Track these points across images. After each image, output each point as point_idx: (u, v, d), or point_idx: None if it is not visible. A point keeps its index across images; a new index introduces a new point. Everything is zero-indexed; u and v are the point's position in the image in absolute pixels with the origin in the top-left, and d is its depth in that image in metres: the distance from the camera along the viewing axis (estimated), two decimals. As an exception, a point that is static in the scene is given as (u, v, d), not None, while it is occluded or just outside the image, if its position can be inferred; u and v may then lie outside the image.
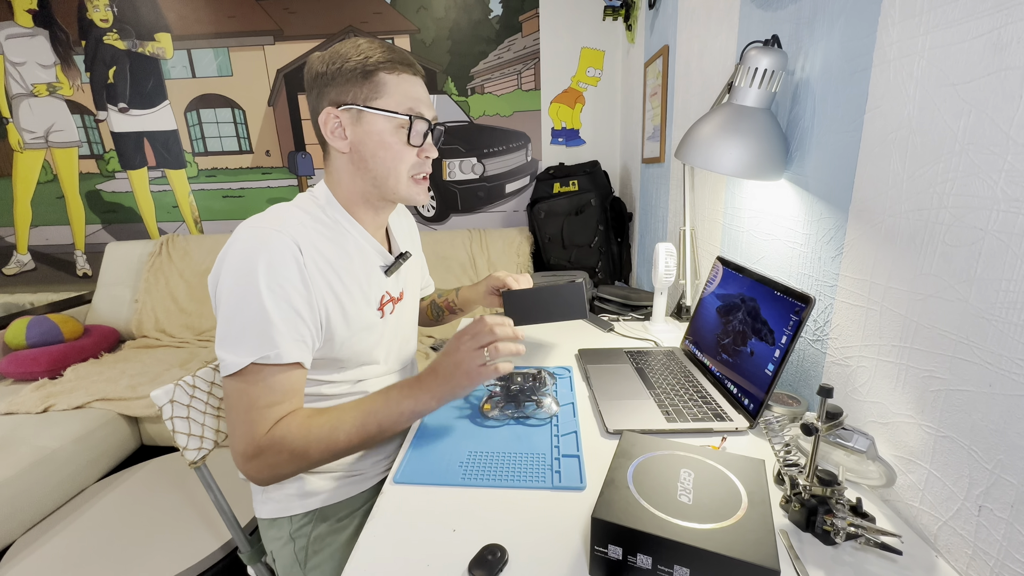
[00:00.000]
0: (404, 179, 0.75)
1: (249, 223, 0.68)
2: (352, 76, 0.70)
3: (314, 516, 0.79)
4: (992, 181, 0.45)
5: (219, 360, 0.65)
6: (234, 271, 0.65)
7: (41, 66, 2.31)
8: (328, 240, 0.73)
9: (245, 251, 0.65)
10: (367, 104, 0.71)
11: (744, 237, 1.00)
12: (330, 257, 0.72)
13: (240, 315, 0.64)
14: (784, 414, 0.71)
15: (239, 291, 0.64)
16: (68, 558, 1.08)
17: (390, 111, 0.71)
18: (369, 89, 0.70)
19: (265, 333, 0.64)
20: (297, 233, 0.68)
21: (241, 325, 0.64)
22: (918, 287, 0.54)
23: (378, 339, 0.81)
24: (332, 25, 2.25)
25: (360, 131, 0.72)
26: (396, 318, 0.86)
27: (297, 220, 0.70)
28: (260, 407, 0.65)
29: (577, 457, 0.66)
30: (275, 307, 0.64)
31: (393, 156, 0.73)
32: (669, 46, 1.46)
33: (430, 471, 0.64)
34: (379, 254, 0.81)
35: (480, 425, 0.74)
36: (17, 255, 2.57)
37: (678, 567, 0.43)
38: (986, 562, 0.46)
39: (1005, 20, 0.44)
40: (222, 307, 0.65)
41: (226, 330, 0.65)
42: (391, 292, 0.84)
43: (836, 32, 0.69)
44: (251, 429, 0.65)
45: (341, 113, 0.71)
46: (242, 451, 0.66)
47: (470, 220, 2.46)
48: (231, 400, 0.66)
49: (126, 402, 1.69)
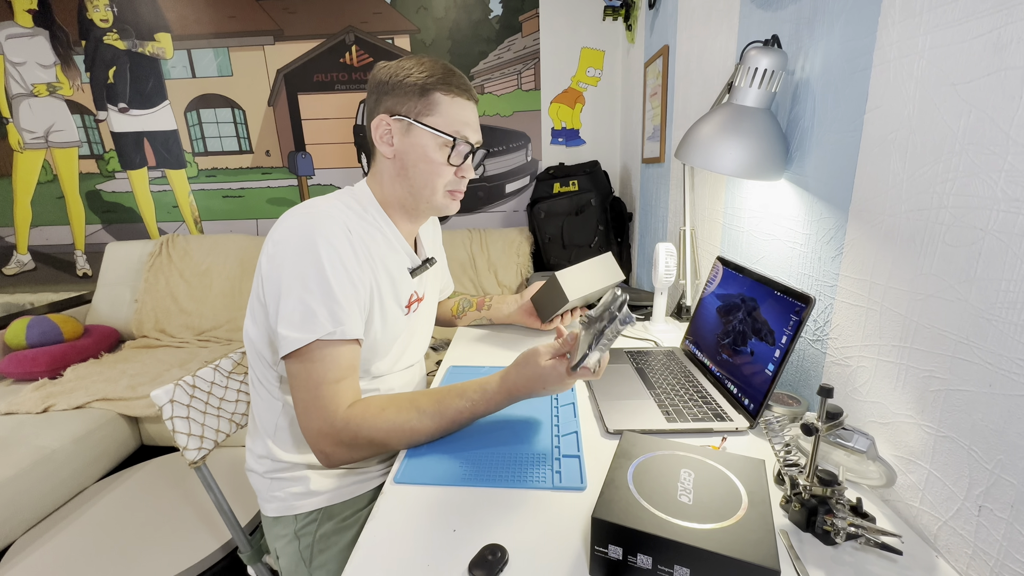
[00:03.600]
0: (440, 192, 0.80)
1: (297, 210, 0.71)
2: (410, 90, 0.75)
3: (319, 515, 0.79)
4: (992, 181, 0.45)
5: (282, 339, 0.66)
6: (294, 251, 0.67)
7: (41, 66, 2.31)
8: (367, 233, 0.77)
9: (303, 232, 0.68)
10: (418, 119, 0.75)
11: (744, 237, 1.00)
12: (371, 247, 0.76)
13: (305, 293, 0.66)
14: (784, 414, 0.71)
15: (302, 270, 0.66)
16: (68, 558, 1.08)
17: (438, 130, 0.76)
18: (423, 105, 0.75)
19: (331, 310, 0.67)
20: (345, 219, 0.72)
21: (305, 303, 0.66)
22: (918, 287, 0.54)
23: (399, 335, 0.84)
24: (332, 25, 2.25)
25: (407, 142, 0.77)
26: (418, 317, 0.89)
27: (340, 210, 0.74)
28: (330, 382, 0.67)
29: (578, 457, 0.66)
30: (337, 284, 0.67)
31: (433, 171, 0.78)
32: (669, 46, 1.46)
33: (430, 471, 0.64)
34: (408, 256, 0.84)
35: (481, 425, 0.74)
36: (17, 255, 2.57)
37: (678, 567, 0.43)
38: (986, 562, 0.46)
39: (1005, 20, 0.44)
40: (284, 286, 0.67)
41: (291, 308, 0.66)
42: (417, 292, 0.87)
43: (836, 32, 0.69)
44: (325, 405, 0.67)
45: (393, 122, 0.76)
46: (318, 429, 0.67)
47: (470, 220, 2.46)
48: (299, 379, 0.67)
49: (126, 402, 1.69)
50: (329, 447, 0.68)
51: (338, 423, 0.66)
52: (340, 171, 2.42)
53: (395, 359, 0.85)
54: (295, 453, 0.79)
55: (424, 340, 0.95)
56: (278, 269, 0.68)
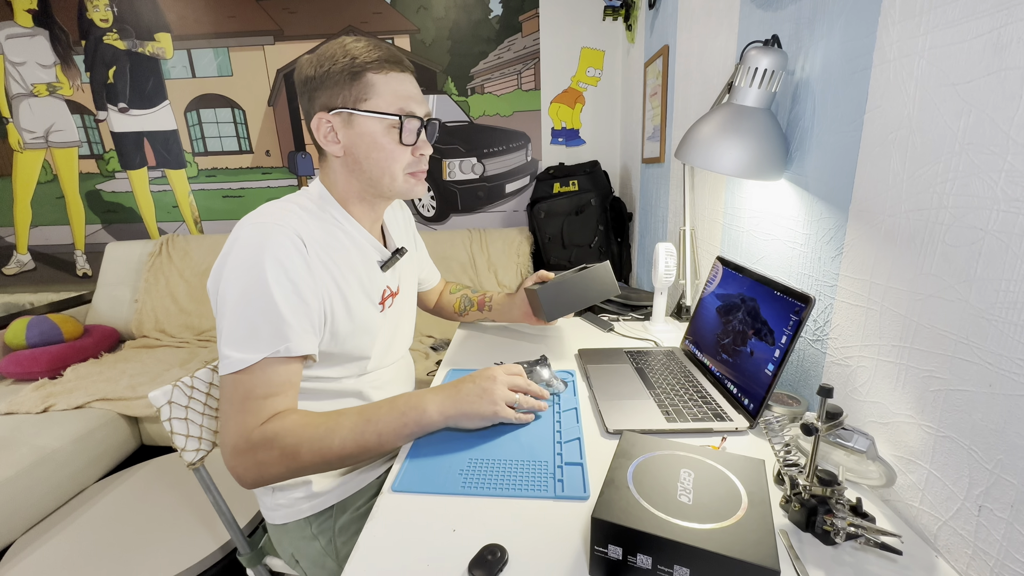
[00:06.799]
0: (399, 177, 0.76)
1: (248, 220, 0.67)
2: (340, 79, 0.70)
3: (333, 510, 0.78)
4: (992, 181, 0.45)
5: (223, 357, 0.63)
6: (240, 267, 0.64)
7: (41, 66, 2.31)
8: (326, 235, 0.73)
9: (249, 246, 0.64)
10: (356, 107, 0.70)
11: (744, 237, 1.00)
12: (331, 251, 0.72)
13: (249, 310, 0.63)
14: (784, 414, 0.71)
15: (246, 286, 0.63)
16: (68, 558, 1.08)
17: (380, 112, 0.71)
18: (358, 91, 0.70)
19: (276, 328, 0.64)
20: (299, 226, 0.68)
21: (250, 321, 0.63)
22: (918, 287, 0.54)
23: (378, 334, 0.81)
24: (332, 25, 2.24)
25: (352, 134, 0.72)
26: (395, 312, 0.86)
27: (296, 215, 0.70)
28: (256, 397, 0.63)
29: (580, 465, 0.63)
30: (284, 301, 0.64)
31: (387, 156, 0.73)
32: (669, 46, 1.46)
33: (429, 479, 0.61)
34: (376, 249, 0.81)
35: (481, 432, 0.72)
36: (17, 255, 2.57)
37: (678, 567, 0.43)
38: (986, 562, 0.46)
39: (1005, 20, 0.44)
40: (229, 303, 0.64)
41: (234, 326, 0.63)
42: (391, 286, 0.84)
43: (836, 32, 0.69)
44: (245, 420, 0.63)
45: (332, 117, 0.71)
46: (232, 444, 0.63)
47: (470, 220, 2.46)
48: (227, 392, 0.64)
49: (126, 402, 1.69)
50: (240, 466, 0.63)
51: (254, 437, 0.62)
52: (340, 171, 2.42)
53: (380, 356, 0.83)
54: None
55: (407, 334, 0.93)
56: (226, 285, 0.64)
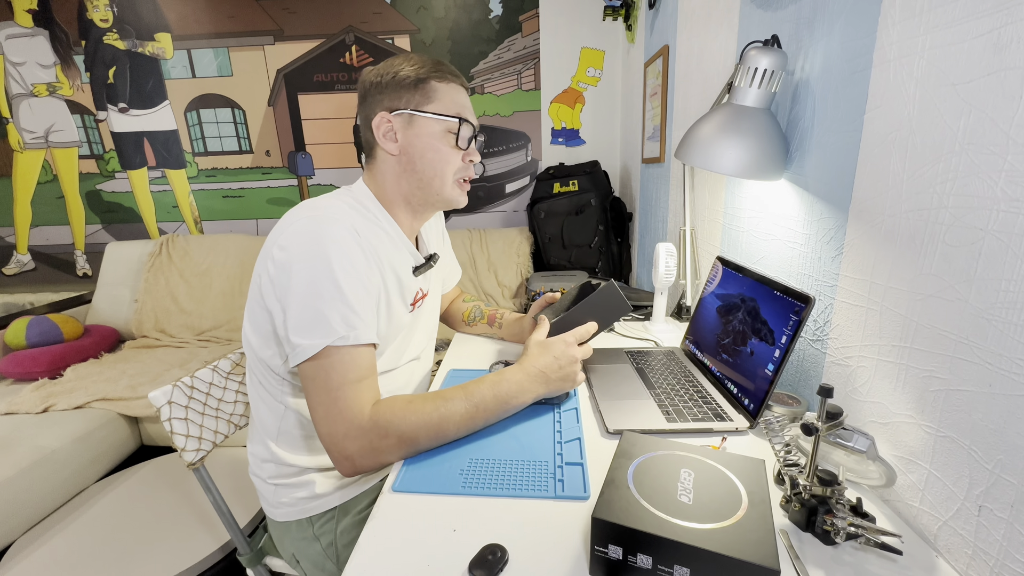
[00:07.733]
0: (449, 181, 0.80)
1: (301, 212, 0.70)
2: (405, 84, 0.75)
3: (335, 512, 0.79)
4: (992, 181, 0.45)
5: (295, 346, 0.65)
6: (303, 255, 0.66)
7: (41, 66, 2.31)
8: (372, 233, 0.76)
9: (311, 236, 0.66)
10: (419, 108, 0.76)
11: (744, 237, 1.00)
12: (377, 248, 0.75)
13: (317, 299, 0.65)
14: (784, 414, 0.71)
15: (312, 275, 0.65)
16: (68, 558, 1.08)
17: (440, 114, 0.76)
18: (421, 95, 0.76)
19: (343, 315, 0.65)
20: (352, 220, 0.71)
21: (317, 309, 0.65)
22: (918, 287, 0.54)
23: (400, 332, 0.83)
24: (332, 25, 2.24)
25: (411, 134, 0.77)
26: (422, 312, 0.89)
27: (344, 211, 0.73)
28: (351, 383, 0.65)
29: (581, 465, 0.64)
30: (350, 288, 0.66)
31: (441, 159, 0.78)
32: (669, 46, 1.46)
33: (429, 479, 0.62)
34: (411, 254, 0.84)
35: (481, 432, 0.72)
36: (17, 255, 2.57)
37: (678, 567, 0.43)
38: (986, 562, 0.46)
39: (1005, 20, 0.44)
40: (294, 292, 0.65)
41: (301, 316, 0.65)
42: (423, 289, 0.87)
43: (836, 32, 0.69)
44: (349, 407, 0.64)
45: (394, 118, 0.76)
46: (344, 432, 0.64)
47: (470, 220, 2.46)
48: (316, 383, 0.65)
49: (126, 402, 1.69)
50: (355, 450, 0.64)
51: (365, 423, 0.64)
52: (340, 171, 2.42)
53: (397, 355, 0.84)
54: (304, 455, 0.78)
55: (428, 334, 0.95)
56: (286, 275, 0.65)
